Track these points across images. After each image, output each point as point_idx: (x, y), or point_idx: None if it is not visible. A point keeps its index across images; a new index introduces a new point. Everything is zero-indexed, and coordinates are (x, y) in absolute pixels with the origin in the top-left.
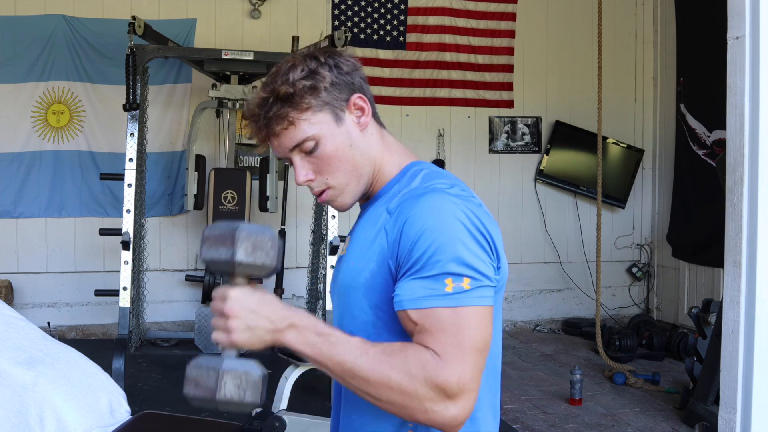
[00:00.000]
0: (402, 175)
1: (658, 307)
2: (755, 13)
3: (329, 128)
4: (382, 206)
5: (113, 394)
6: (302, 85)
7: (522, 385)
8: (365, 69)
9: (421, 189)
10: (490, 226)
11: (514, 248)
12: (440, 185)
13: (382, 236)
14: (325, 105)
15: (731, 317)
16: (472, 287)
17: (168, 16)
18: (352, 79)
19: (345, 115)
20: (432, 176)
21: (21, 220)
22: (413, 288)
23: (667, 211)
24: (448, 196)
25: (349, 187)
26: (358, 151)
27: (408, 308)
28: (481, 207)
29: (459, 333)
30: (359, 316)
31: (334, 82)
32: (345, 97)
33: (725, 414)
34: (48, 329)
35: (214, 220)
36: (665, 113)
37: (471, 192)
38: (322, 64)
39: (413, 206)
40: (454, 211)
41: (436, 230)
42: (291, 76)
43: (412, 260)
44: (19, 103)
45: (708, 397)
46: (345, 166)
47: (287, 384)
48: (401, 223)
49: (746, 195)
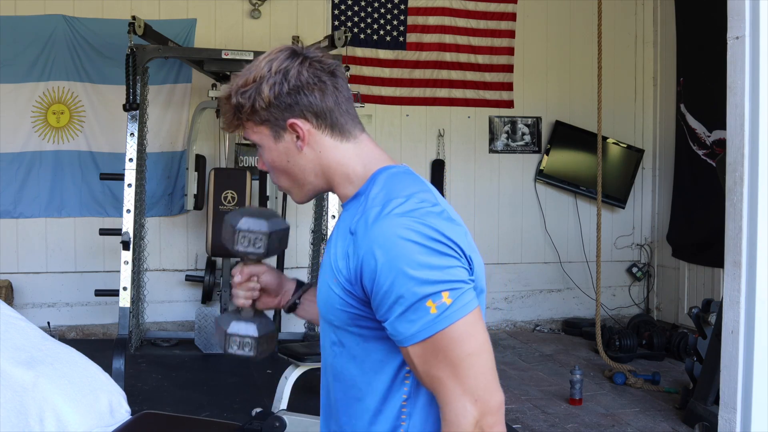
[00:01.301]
0: (371, 183)
1: (658, 307)
2: (755, 13)
3: (267, 141)
4: (348, 222)
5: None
6: (239, 101)
7: (522, 385)
8: (365, 69)
9: (373, 214)
10: (450, 232)
11: (514, 248)
12: (393, 204)
13: (348, 258)
14: (264, 121)
15: (731, 317)
16: (454, 299)
17: (168, 16)
18: (296, 100)
19: (284, 133)
20: (391, 190)
21: (21, 220)
22: (402, 326)
23: (667, 211)
24: (396, 219)
25: (293, 190)
26: (297, 166)
27: (407, 346)
28: (441, 215)
29: (454, 358)
30: (342, 327)
31: (272, 103)
32: (284, 117)
33: (725, 414)
34: (48, 329)
35: (214, 220)
36: (665, 113)
37: (433, 198)
38: (269, 77)
39: (365, 238)
40: (403, 233)
41: (391, 264)
42: (239, 85)
43: (381, 299)
44: (19, 103)
45: (708, 397)
46: (282, 175)
47: (287, 384)
48: (360, 255)
49: (746, 195)
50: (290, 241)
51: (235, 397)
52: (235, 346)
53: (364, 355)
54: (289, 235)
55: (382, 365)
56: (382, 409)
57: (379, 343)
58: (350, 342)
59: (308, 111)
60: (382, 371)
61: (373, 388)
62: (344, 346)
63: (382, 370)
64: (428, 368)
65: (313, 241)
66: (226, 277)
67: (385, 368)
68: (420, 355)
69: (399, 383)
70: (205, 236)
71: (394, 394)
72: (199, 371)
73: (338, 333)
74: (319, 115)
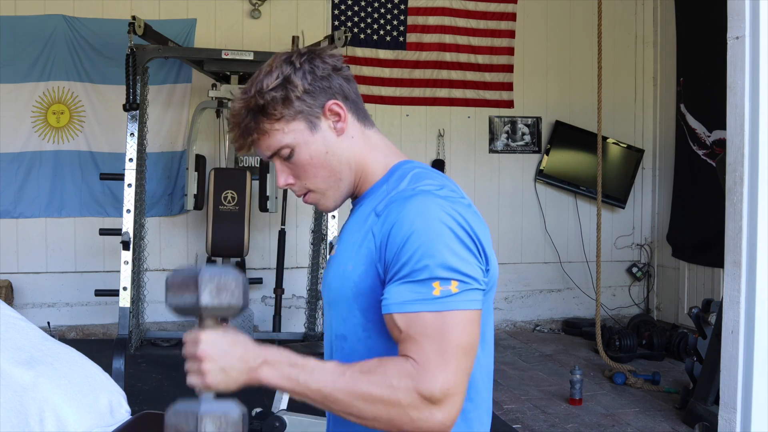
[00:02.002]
0: (390, 175)
1: (658, 307)
2: (755, 13)
3: (303, 136)
4: (369, 207)
5: (113, 394)
6: (273, 96)
7: (522, 385)
8: (365, 69)
9: (408, 191)
10: (478, 227)
11: (514, 248)
12: (428, 186)
13: (369, 238)
14: (298, 114)
15: (731, 317)
16: (460, 290)
17: (168, 16)
18: (329, 84)
19: (320, 121)
20: (420, 177)
21: (21, 220)
22: (401, 292)
23: (667, 211)
24: (435, 198)
25: (329, 191)
26: (335, 157)
27: (394, 312)
28: (470, 208)
29: (443, 338)
30: (349, 318)
31: (307, 90)
32: (320, 103)
33: (725, 414)
34: (48, 329)
35: (214, 221)
36: (665, 113)
37: (461, 192)
38: (296, 70)
39: (401, 209)
40: (441, 213)
41: (423, 234)
42: (264, 84)
43: (400, 264)
44: (19, 103)
45: (708, 397)
46: (322, 172)
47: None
48: (389, 226)
49: (746, 195)
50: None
51: (235, 397)
52: (213, 430)
53: (366, 350)
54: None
55: None
56: None
57: (381, 341)
58: (353, 336)
59: (339, 93)
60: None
61: None
62: (347, 340)
63: None
64: (413, 333)
65: (313, 241)
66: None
67: None
68: (405, 324)
69: None
70: (205, 236)
71: None
72: None
73: (344, 325)
74: (348, 98)
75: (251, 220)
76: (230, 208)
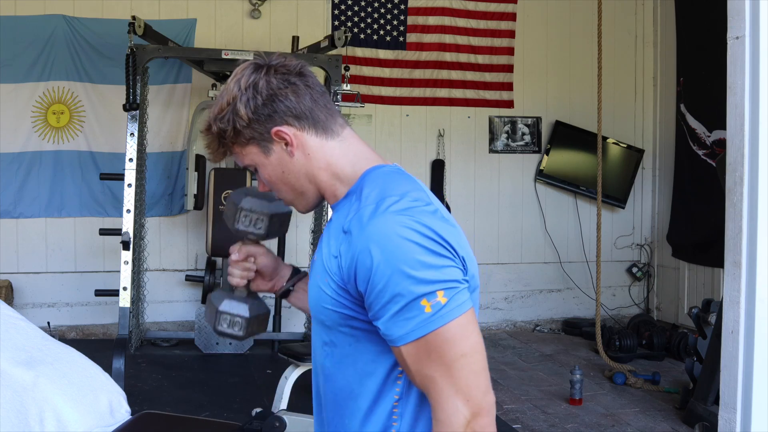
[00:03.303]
0: (359, 184)
1: (658, 307)
2: (755, 13)
3: (259, 158)
4: (341, 220)
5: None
6: (221, 127)
7: (522, 385)
8: (365, 69)
9: (368, 212)
10: (445, 232)
11: (514, 248)
12: (388, 203)
13: (339, 257)
14: (249, 140)
15: (731, 317)
16: (449, 298)
17: (168, 16)
18: (273, 108)
19: (272, 145)
20: (384, 188)
21: (21, 220)
22: (396, 325)
23: (667, 211)
24: (393, 217)
25: (296, 201)
26: (292, 175)
27: (400, 345)
28: (435, 214)
29: (445, 357)
30: (334, 327)
31: (252, 119)
32: (267, 129)
33: (725, 414)
34: (48, 329)
35: (214, 220)
36: (665, 113)
37: (426, 198)
38: (241, 95)
39: (360, 236)
40: (402, 230)
41: (387, 261)
42: (216, 112)
43: (379, 298)
44: (19, 103)
45: (708, 397)
46: (283, 187)
47: (287, 384)
48: (353, 254)
49: (746, 195)
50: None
51: (235, 397)
52: (225, 324)
53: (356, 355)
54: (290, 220)
55: (374, 365)
56: (373, 410)
57: (371, 344)
58: (342, 342)
59: (288, 116)
60: (373, 372)
61: (364, 388)
62: (336, 346)
63: (374, 371)
64: (421, 367)
65: (313, 241)
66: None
67: (377, 369)
68: (413, 355)
69: (391, 384)
70: (205, 236)
71: (385, 395)
72: (199, 371)
73: (330, 333)
74: (300, 116)
75: None
76: None
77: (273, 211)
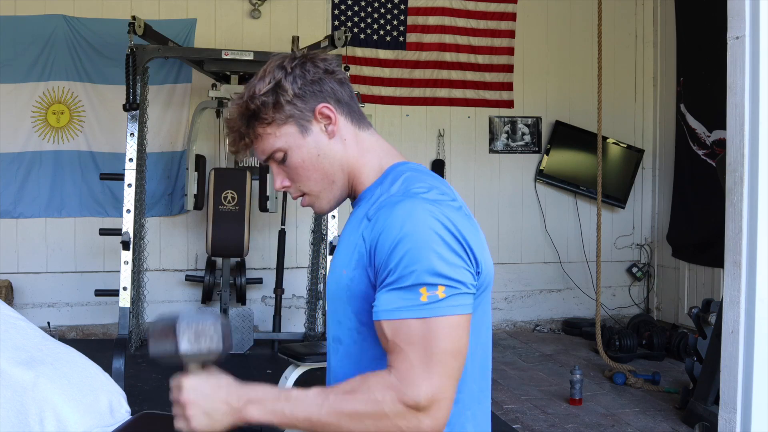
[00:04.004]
0: (384, 178)
1: (658, 307)
2: (755, 13)
3: (295, 140)
4: (363, 210)
5: (113, 394)
6: (263, 100)
7: (522, 385)
8: (365, 69)
9: (397, 196)
10: (466, 230)
11: (514, 248)
12: (417, 190)
13: (360, 243)
14: (289, 117)
15: (731, 317)
16: (447, 295)
17: (168, 16)
18: (320, 87)
19: (311, 125)
20: (411, 180)
21: (21, 220)
22: (390, 299)
23: (667, 211)
24: (423, 203)
25: (323, 193)
26: (327, 159)
27: (382, 319)
28: (459, 210)
29: (428, 344)
30: (344, 322)
31: (297, 94)
32: (310, 107)
33: (725, 414)
34: (48, 329)
35: (214, 220)
36: (665, 113)
37: (452, 194)
38: (287, 74)
39: (388, 215)
40: (428, 218)
41: (409, 240)
42: (256, 89)
43: (388, 270)
44: (19, 103)
45: (708, 397)
46: (314, 175)
47: (287, 384)
48: (378, 232)
49: (746, 195)
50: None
51: None
52: None
53: (360, 353)
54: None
55: (378, 364)
56: None
57: (374, 344)
58: (348, 339)
59: (331, 97)
60: (377, 369)
61: None
62: (342, 343)
63: (378, 369)
64: (398, 341)
65: (313, 241)
66: (226, 277)
67: (381, 367)
68: (392, 332)
69: None
70: (205, 236)
71: None
72: None
73: (339, 328)
74: (341, 101)
75: (251, 220)
76: (230, 208)
77: (216, 319)
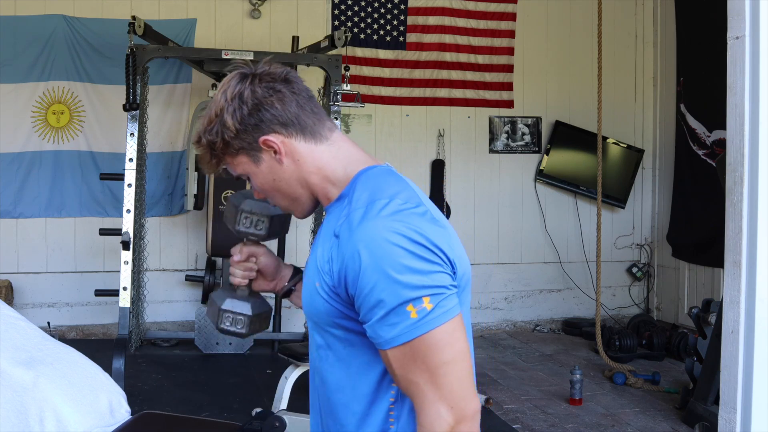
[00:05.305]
0: (351, 188)
1: (658, 307)
2: (755, 13)
3: (250, 168)
4: (332, 226)
5: (113, 394)
6: (211, 139)
7: (522, 385)
8: (365, 69)
9: (357, 216)
10: (433, 234)
11: (514, 248)
12: (378, 206)
13: (331, 261)
14: (239, 150)
15: (731, 317)
16: (435, 304)
17: (168, 16)
18: (260, 118)
19: (261, 154)
20: (375, 190)
21: (21, 220)
22: (382, 329)
23: (667, 211)
24: (382, 221)
25: (291, 207)
26: (284, 182)
27: (386, 349)
28: (424, 216)
29: (429, 364)
30: (328, 330)
31: (239, 129)
32: (254, 139)
33: (725, 414)
34: (48, 329)
35: (214, 220)
36: (665, 113)
37: (416, 199)
38: (228, 105)
39: (350, 240)
40: (389, 235)
41: (375, 265)
42: (203, 126)
43: (367, 301)
44: (19, 103)
45: (708, 397)
46: (277, 194)
47: (287, 384)
48: (343, 258)
49: (746, 195)
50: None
51: (235, 397)
52: (227, 322)
53: (350, 358)
54: (290, 221)
55: (368, 368)
56: (369, 412)
57: (365, 347)
58: (336, 345)
59: (274, 124)
60: (368, 374)
61: (359, 391)
62: (330, 349)
63: (368, 373)
64: (406, 372)
65: (312, 241)
66: (226, 277)
67: (372, 371)
68: (398, 359)
69: (386, 386)
70: (205, 236)
71: (381, 397)
72: (199, 371)
73: (324, 336)
74: (287, 123)
75: None
76: None
77: (273, 212)
